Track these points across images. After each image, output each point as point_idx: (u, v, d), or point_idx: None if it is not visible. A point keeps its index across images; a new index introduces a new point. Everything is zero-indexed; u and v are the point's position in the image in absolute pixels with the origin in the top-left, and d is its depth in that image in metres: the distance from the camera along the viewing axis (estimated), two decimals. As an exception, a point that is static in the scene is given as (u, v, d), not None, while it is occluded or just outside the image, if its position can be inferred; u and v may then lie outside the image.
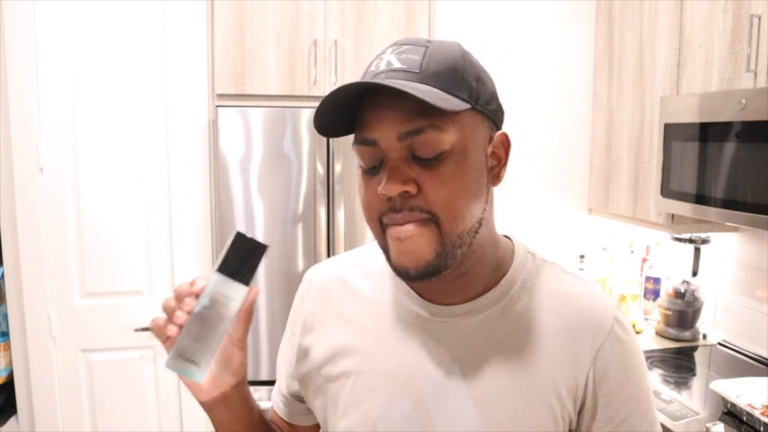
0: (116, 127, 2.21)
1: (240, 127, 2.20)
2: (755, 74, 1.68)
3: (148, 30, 2.21)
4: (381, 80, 0.63)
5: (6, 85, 2.11)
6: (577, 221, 2.69)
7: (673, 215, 2.07)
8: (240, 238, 0.67)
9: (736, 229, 2.13)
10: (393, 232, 0.66)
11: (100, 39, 2.17)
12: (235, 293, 0.67)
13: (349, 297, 0.80)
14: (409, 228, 0.64)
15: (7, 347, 2.21)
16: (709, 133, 1.80)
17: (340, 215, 2.26)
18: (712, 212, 1.78)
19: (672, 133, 1.96)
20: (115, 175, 2.23)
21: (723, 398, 1.63)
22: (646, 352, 2.13)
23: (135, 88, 2.22)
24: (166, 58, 2.23)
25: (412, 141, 0.63)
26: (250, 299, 0.68)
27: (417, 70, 0.64)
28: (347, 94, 0.64)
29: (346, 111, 0.67)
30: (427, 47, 0.65)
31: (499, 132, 0.71)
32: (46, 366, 2.23)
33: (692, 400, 1.76)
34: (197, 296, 0.66)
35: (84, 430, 2.29)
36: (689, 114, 1.87)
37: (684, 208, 1.92)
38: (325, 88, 2.27)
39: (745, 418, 1.56)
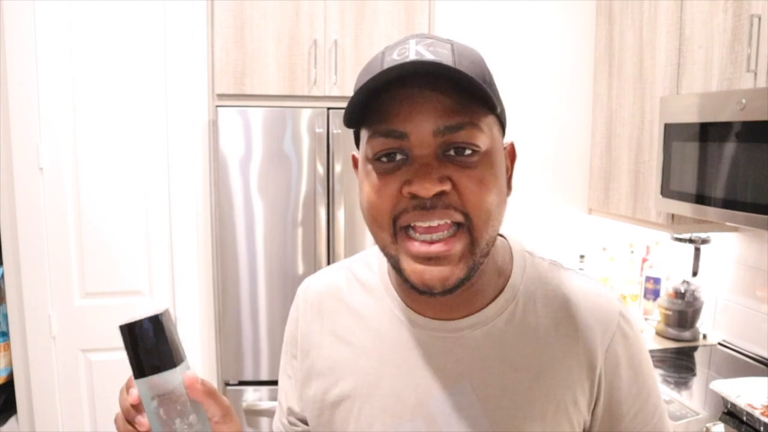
0: (116, 127, 2.22)
1: (240, 127, 2.20)
2: (755, 74, 1.68)
3: (148, 30, 2.21)
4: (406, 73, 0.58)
5: (6, 85, 2.11)
6: (577, 221, 2.69)
7: (673, 215, 2.07)
8: (129, 330, 0.58)
9: (736, 229, 2.13)
10: (415, 247, 0.60)
11: (100, 39, 2.17)
12: (173, 378, 0.59)
13: (345, 314, 0.75)
14: (439, 247, 0.59)
15: (7, 347, 2.21)
16: (709, 133, 1.80)
17: (340, 215, 2.26)
18: (712, 212, 1.78)
19: (672, 133, 1.96)
20: (115, 175, 2.23)
21: (723, 398, 1.63)
22: (646, 352, 2.13)
23: (135, 88, 2.22)
24: (166, 58, 2.23)
25: (450, 138, 0.59)
26: (189, 381, 0.61)
27: (452, 65, 0.58)
28: (397, 76, 0.57)
29: (372, 100, 0.60)
30: (452, 44, 0.61)
31: (509, 142, 0.69)
32: (46, 366, 2.23)
33: (692, 400, 1.76)
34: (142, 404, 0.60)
35: (84, 430, 2.29)
36: (689, 114, 1.87)
37: (684, 208, 1.92)
38: (325, 88, 2.27)
39: (745, 418, 1.56)
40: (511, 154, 0.69)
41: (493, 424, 0.66)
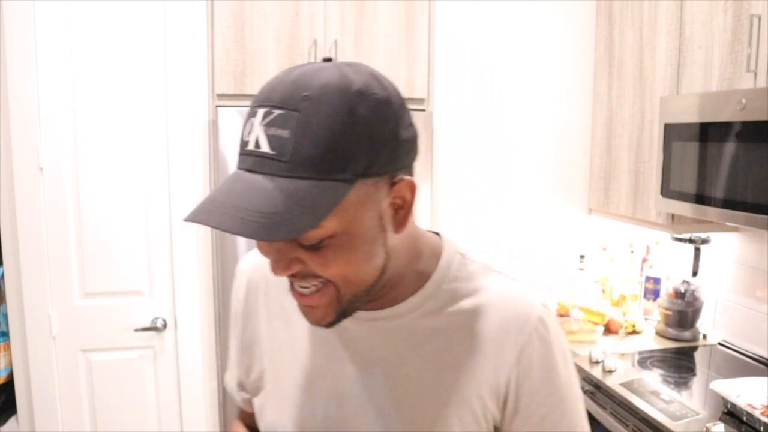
0: (116, 127, 2.21)
1: (240, 127, 2.20)
2: (755, 74, 1.68)
3: (148, 30, 2.21)
4: (239, 177, 0.59)
5: (6, 85, 2.11)
6: (577, 221, 2.69)
7: (673, 215, 2.07)
8: None
9: (736, 229, 2.13)
10: (296, 297, 0.66)
11: (100, 39, 2.17)
12: None
13: (277, 291, 0.79)
14: (308, 301, 0.65)
15: (7, 347, 2.21)
16: (709, 133, 1.80)
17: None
18: (712, 212, 1.78)
19: (672, 133, 1.96)
20: (115, 175, 2.23)
21: (723, 398, 1.63)
22: (646, 352, 2.13)
23: (135, 88, 2.22)
24: (166, 58, 2.23)
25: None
26: None
27: (286, 159, 0.55)
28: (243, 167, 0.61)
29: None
30: (300, 113, 0.55)
31: (404, 180, 0.62)
32: (46, 366, 2.23)
33: (692, 400, 1.76)
34: None
35: (84, 430, 2.29)
36: (689, 114, 1.87)
37: (684, 208, 1.92)
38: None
39: (745, 418, 1.56)
40: (410, 188, 0.64)
41: (399, 411, 0.70)
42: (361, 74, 0.59)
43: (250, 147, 0.59)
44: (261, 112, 0.58)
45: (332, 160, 0.56)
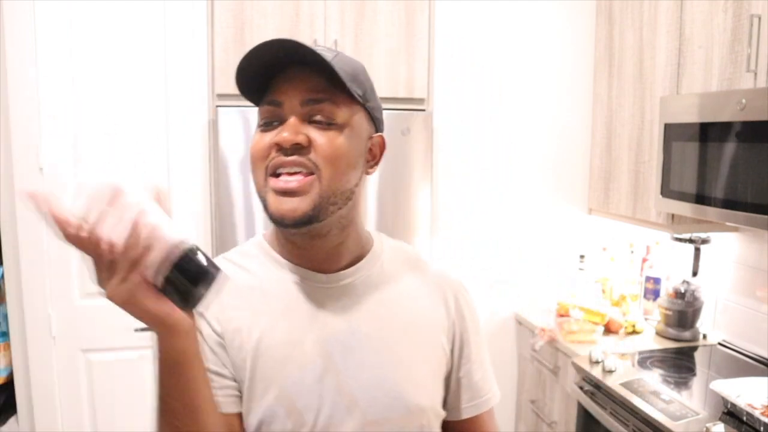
0: (116, 127, 2.21)
1: (240, 127, 2.20)
2: (755, 74, 1.68)
3: (148, 30, 2.21)
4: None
5: (6, 85, 2.11)
6: (577, 221, 2.69)
7: (673, 215, 2.07)
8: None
9: (736, 229, 2.13)
10: (276, 183, 0.75)
11: (100, 39, 2.17)
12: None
13: (241, 274, 0.83)
14: (292, 180, 0.74)
15: (7, 347, 2.21)
16: (709, 133, 1.80)
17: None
18: (712, 212, 1.78)
19: (672, 133, 1.96)
20: (115, 175, 2.22)
21: (723, 398, 1.63)
22: (646, 352, 2.13)
23: (135, 88, 2.22)
24: (166, 58, 2.23)
25: (312, 108, 0.75)
26: None
27: (330, 58, 0.74)
28: (275, 52, 0.73)
29: (265, 75, 0.78)
30: (337, 53, 0.78)
31: (379, 134, 0.84)
32: (46, 366, 2.23)
33: (692, 400, 1.76)
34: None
35: (84, 430, 2.29)
36: (689, 114, 1.87)
37: (684, 208, 1.92)
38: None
39: (745, 418, 1.56)
40: (381, 144, 0.84)
41: (381, 353, 0.81)
42: None
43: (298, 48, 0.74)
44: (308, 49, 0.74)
45: (354, 76, 0.78)
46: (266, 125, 0.78)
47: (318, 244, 0.81)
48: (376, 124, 0.84)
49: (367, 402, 0.79)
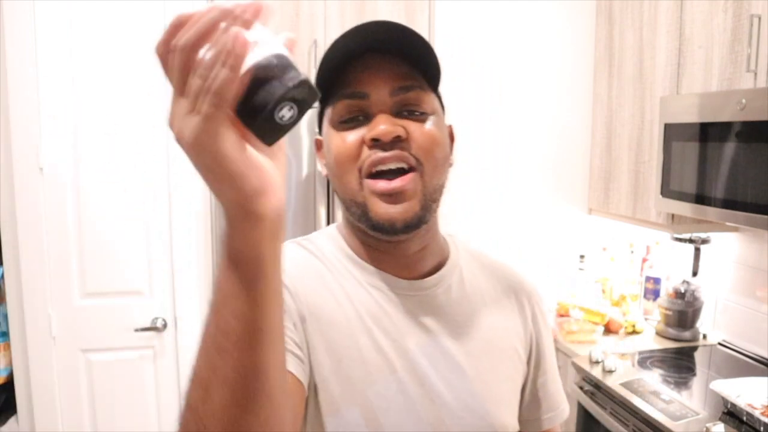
0: (116, 127, 2.21)
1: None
2: (755, 74, 1.68)
3: (148, 30, 2.21)
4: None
5: (6, 85, 2.11)
6: (577, 221, 2.69)
7: (673, 215, 2.07)
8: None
9: (736, 229, 2.13)
10: (377, 185, 0.68)
11: (100, 39, 2.17)
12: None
13: (322, 269, 0.75)
14: (397, 182, 0.67)
15: (7, 347, 2.21)
16: (709, 133, 1.80)
17: (339, 216, 2.26)
18: (712, 212, 1.78)
19: (672, 133, 1.96)
20: (115, 175, 2.23)
21: (723, 398, 1.63)
22: (646, 352, 2.13)
23: (135, 88, 2.22)
24: (166, 58, 2.23)
25: (403, 97, 0.69)
26: None
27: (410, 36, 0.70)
28: (373, 36, 0.69)
29: (335, 75, 0.70)
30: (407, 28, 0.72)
31: (449, 125, 0.79)
32: (46, 366, 2.23)
33: (692, 400, 1.76)
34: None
35: (84, 430, 2.29)
36: (689, 114, 1.87)
37: (684, 208, 1.92)
38: (325, 88, 2.27)
39: (745, 418, 1.56)
40: (450, 135, 0.79)
41: (468, 366, 0.75)
42: None
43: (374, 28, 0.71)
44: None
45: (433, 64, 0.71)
46: (348, 122, 0.69)
47: (402, 247, 0.74)
48: (443, 108, 0.78)
49: (453, 422, 0.72)
